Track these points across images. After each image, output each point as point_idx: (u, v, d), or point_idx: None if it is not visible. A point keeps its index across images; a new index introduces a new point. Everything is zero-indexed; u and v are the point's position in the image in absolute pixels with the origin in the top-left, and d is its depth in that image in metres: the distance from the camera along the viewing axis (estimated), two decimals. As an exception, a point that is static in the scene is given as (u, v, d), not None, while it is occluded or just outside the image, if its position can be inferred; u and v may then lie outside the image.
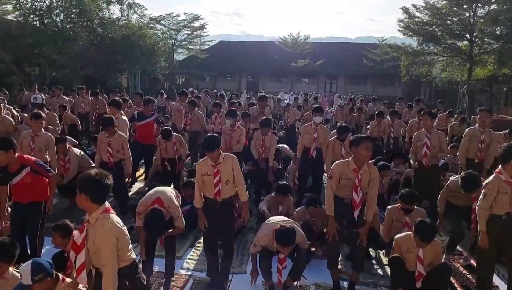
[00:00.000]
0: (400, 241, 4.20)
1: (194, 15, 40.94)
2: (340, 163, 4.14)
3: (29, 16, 23.20)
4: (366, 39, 68.44)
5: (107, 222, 2.64)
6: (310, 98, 19.96)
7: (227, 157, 4.10)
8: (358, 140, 4.00)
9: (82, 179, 2.67)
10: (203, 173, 4.06)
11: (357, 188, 3.96)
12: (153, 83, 35.37)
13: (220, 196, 4.05)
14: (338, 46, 44.61)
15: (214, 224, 4.19)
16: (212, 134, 4.23)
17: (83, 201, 2.63)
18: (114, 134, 5.88)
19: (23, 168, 4.20)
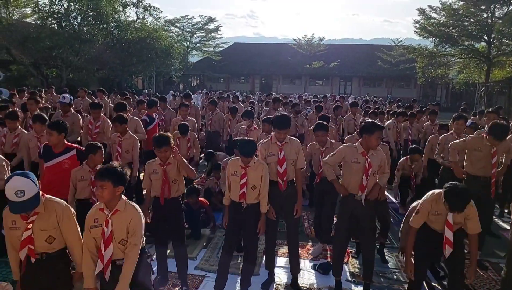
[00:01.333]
0: (429, 205, 3.70)
1: (209, 17, 41.32)
2: (349, 146, 4.22)
3: (47, 19, 23.62)
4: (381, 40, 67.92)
5: (134, 205, 2.86)
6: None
7: (259, 163, 4.07)
8: (372, 128, 4.00)
9: (106, 168, 2.76)
10: (232, 173, 4.09)
11: (367, 171, 4.01)
12: (167, 85, 35.70)
13: (246, 200, 4.03)
14: (352, 48, 44.33)
15: (238, 227, 4.17)
16: (249, 139, 4.13)
17: (109, 189, 2.71)
18: (125, 134, 5.79)
19: (68, 150, 4.50)
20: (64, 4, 23.33)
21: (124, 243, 2.79)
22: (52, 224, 2.77)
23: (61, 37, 22.10)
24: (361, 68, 39.04)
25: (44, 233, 2.75)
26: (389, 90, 37.20)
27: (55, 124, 4.49)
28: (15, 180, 2.59)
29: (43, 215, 2.74)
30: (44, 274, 2.84)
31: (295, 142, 4.26)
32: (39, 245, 2.76)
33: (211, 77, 41.63)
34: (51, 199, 2.84)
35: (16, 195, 2.55)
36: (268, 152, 4.17)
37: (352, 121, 9.73)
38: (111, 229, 2.76)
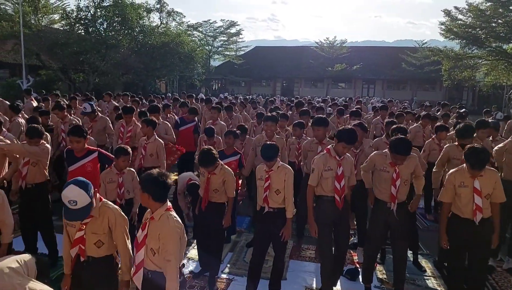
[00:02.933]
0: (452, 176, 3.88)
1: (231, 21, 41.64)
2: (379, 154, 4.17)
3: (75, 25, 24.29)
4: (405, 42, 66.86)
5: (171, 219, 2.73)
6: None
7: (283, 167, 4.04)
8: (393, 146, 3.92)
9: (145, 179, 2.73)
10: (258, 177, 4.10)
11: (395, 182, 3.94)
12: (190, 89, 36.09)
13: (268, 204, 4.00)
14: (375, 50, 43.88)
15: (265, 234, 4.13)
16: (271, 143, 4.09)
17: (146, 199, 2.72)
18: (151, 137, 5.80)
19: (89, 154, 4.59)
20: (91, 10, 23.94)
21: (153, 253, 2.74)
22: (103, 229, 2.86)
23: (88, 42, 22.65)
24: (385, 71, 38.55)
25: (95, 236, 2.84)
26: (414, 93, 36.58)
27: (79, 131, 4.52)
28: (70, 189, 2.67)
29: (97, 220, 2.84)
30: (89, 276, 2.92)
31: (350, 158, 4.17)
32: (88, 247, 2.86)
33: (232, 80, 41.88)
34: (106, 204, 2.92)
35: (69, 203, 2.65)
36: (326, 166, 4.03)
37: (380, 125, 9.60)
38: (145, 233, 2.76)
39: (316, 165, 4.06)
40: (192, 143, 7.62)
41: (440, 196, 4.00)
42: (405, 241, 4.12)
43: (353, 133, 3.99)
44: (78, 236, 2.83)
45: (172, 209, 2.83)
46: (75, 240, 2.84)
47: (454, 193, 3.86)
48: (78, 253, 2.87)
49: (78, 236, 2.83)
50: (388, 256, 5.15)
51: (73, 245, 2.86)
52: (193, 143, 7.64)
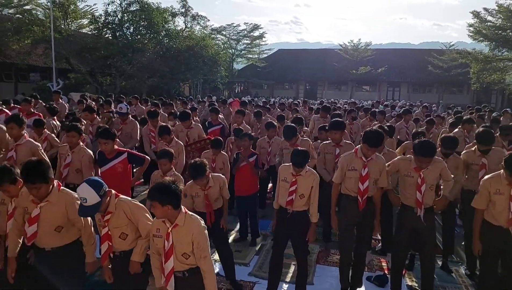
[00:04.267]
0: (487, 183, 3.77)
1: (254, 24, 41.72)
2: (403, 159, 4.11)
3: (103, 30, 24.88)
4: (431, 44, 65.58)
5: (195, 218, 2.83)
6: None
7: (310, 172, 4.05)
8: (417, 149, 3.85)
9: (161, 190, 2.70)
10: (282, 178, 4.11)
11: (420, 188, 3.86)
12: (213, 92, 36.39)
13: (292, 207, 4.02)
14: (400, 52, 43.13)
15: (284, 234, 4.17)
16: (303, 149, 4.10)
17: (166, 211, 2.71)
18: (171, 142, 5.91)
19: (119, 155, 4.75)
20: (118, 15, 24.48)
21: (186, 257, 2.80)
22: (123, 221, 3.02)
23: (115, 46, 23.15)
24: (410, 74, 37.88)
25: (117, 230, 3.02)
26: (440, 96, 35.80)
27: (107, 134, 4.71)
28: (82, 187, 2.87)
29: (114, 214, 3.01)
30: (120, 271, 3.07)
31: (380, 160, 4.12)
32: (115, 241, 3.04)
33: (255, 83, 41.96)
34: (121, 199, 3.08)
35: (81, 200, 2.87)
36: (350, 166, 4.04)
37: (404, 129, 9.46)
38: (171, 242, 2.79)
39: (340, 163, 4.15)
40: None
41: (474, 202, 3.91)
42: (433, 247, 4.04)
43: (375, 135, 3.96)
44: (104, 233, 3.03)
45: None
46: (102, 236, 3.04)
47: (489, 200, 3.76)
48: (108, 249, 3.05)
49: (104, 232, 3.03)
50: (417, 263, 5.06)
51: (101, 242, 3.04)
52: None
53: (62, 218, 3.12)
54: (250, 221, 5.73)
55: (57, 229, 3.11)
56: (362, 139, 4.03)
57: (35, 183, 2.97)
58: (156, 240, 2.87)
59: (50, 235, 3.10)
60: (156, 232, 2.87)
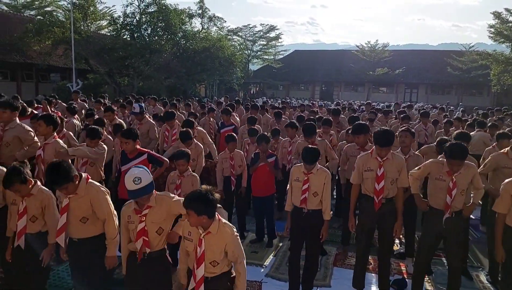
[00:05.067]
0: (509, 186, 3.71)
1: (270, 25, 41.72)
2: (435, 162, 4.03)
3: (121, 31, 25.22)
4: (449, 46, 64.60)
5: (228, 226, 2.81)
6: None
7: (322, 170, 4.12)
8: (448, 151, 3.79)
9: (198, 200, 2.66)
10: (294, 178, 4.13)
11: (451, 192, 3.80)
12: (228, 93, 36.54)
13: (307, 206, 4.04)
14: (419, 54, 42.57)
15: (300, 234, 4.18)
16: (312, 147, 4.17)
17: (202, 220, 2.69)
18: (191, 144, 5.85)
19: (140, 155, 4.83)
20: (136, 16, 24.78)
21: (214, 265, 2.78)
22: (161, 215, 3.03)
23: (133, 47, 23.44)
24: (428, 75, 37.36)
25: (155, 225, 3.01)
26: (459, 98, 35.20)
27: (129, 133, 4.82)
28: (133, 169, 2.95)
29: (154, 209, 3.00)
30: (146, 272, 3.05)
31: (398, 159, 4.08)
32: (151, 237, 3.01)
33: (271, 84, 41.95)
34: (160, 195, 3.10)
35: (134, 182, 2.86)
36: (366, 166, 4.06)
37: (423, 132, 9.32)
38: (203, 249, 2.75)
39: (356, 164, 4.19)
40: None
41: (495, 206, 3.83)
42: (460, 252, 3.96)
43: (384, 135, 3.95)
44: (140, 228, 2.98)
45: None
46: (138, 233, 2.99)
47: (511, 204, 3.68)
48: (143, 245, 3.00)
49: (140, 228, 2.98)
50: (436, 267, 4.99)
51: (136, 238, 3.00)
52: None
53: (87, 209, 3.21)
54: (267, 222, 5.72)
55: (82, 220, 3.21)
56: (373, 140, 4.06)
57: (62, 185, 3.10)
58: (187, 243, 2.86)
59: (76, 225, 3.22)
60: (187, 235, 2.85)
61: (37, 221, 3.43)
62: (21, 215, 3.36)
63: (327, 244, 5.51)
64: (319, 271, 4.75)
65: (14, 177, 3.26)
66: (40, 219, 3.44)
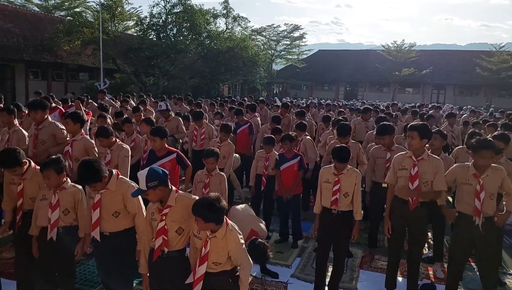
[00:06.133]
0: None
1: (294, 25, 41.63)
2: (460, 166, 3.94)
3: (147, 31, 25.63)
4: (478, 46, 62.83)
5: (234, 233, 2.88)
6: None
7: (352, 170, 4.10)
8: (476, 146, 3.70)
9: (205, 208, 2.76)
10: (324, 180, 4.12)
11: (479, 195, 3.69)
12: (251, 92, 36.69)
13: (337, 206, 4.02)
14: (446, 54, 41.67)
15: (328, 235, 4.16)
16: (343, 145, 4.18)
17: (210, 227, 2.80)
18: (225, 141, 6.00)
19: (169, 154, 4.91)
20: (162, 17, 25.14)
21: (217, 264, 2.89)
22: (182, 215, 3.04)
23: (159, 48, 23.80)
24: (456, 76, 36.47)
25: (175, 224, 3.03)
26: (489, 100, 34.17)
27: (158, 131, 4.90)
28: (144, 170, 2.98)
29: (174, 208, 3.03)
30: (165, 271, 3.09)
31: (435, 161, 3.97)
32: (171, 237, 3.04)
33: (294, 84, 41.82)
34: (181, 195, 3.12)
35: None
36: (401, 165, 4.03)
37: (450, 133, 9.11)
38: (208, 249, 2.86)
39: (392, 163, 4.17)
40: (248, 146, 7.68)
41: None
42: (493, 258, 3.85)
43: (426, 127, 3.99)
44: (160, 227, 3.01)
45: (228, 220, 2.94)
46: (157, 231, 3.02)
47: None
48: (162, 244, 3.02)
49: (160, 227, 3.01)
50: (466, 273, 4.86)
51: (156, 236, 3.04)
52: (249, 145, 7.70)
53: (119, 204, 3.31)
54: (293, 222, 5.70)
55: (115, 214, 3.31)
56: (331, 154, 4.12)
57: (90, 184, 3.24)
58: (195, 240, 2.96)
59: (109, 219, 3.31)
60: (196, 233, 2.94)
61: (69, 214, 3.52)
62: (54, 207, 3.45)
63: (352, 246, 5.44)
64: (345, 273, 4.71)
65: (52, 164, 3.41)
66: (71, 213, 3.54)
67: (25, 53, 20.38)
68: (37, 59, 21.11)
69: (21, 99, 18.54)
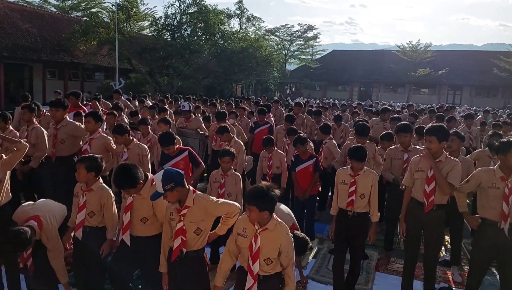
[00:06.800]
0: None
1: (308, 25, 41.48)
2: (485, 170, 3.83)
3: (162, 31, 25.82)
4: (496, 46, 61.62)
5: (284, 226, 2.80)
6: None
7: (369, 171, 4.07)
8: (505, 146, 3.60)
9: (260, 196, 2.66)
10: (340, 181, 4.10)
11: (508, 198, 3.58)
12: (265, 93, 36.68)
13: (353, 207, 4.00)
14: (463, 54, 41.08)
15: (345, 237, 4.13)
16: (359, 145, 4.18)
17: (262, 216, 2.70)
18: (231, 141, 6.00)
19: (181, 153, 4.93)
20: (177, 17, 25.30)
21: (268, 263, 2.76)
22: (200, 216, 3.03)
23: (174, 48, 23.97)
24: (473, 76, 35.91)
25: (193, 225, 3.02)
26: (507, 101, 33.57)
27: (165, 141, 4.84)
28: (159, 173, 2.97)
29: (192, 209, 3.01)
30: (182, 271, 3.08)
31: (453, 162, 3.87)
32: (189, 237, 3.03)
33: (307, 84, 41.70)
34: (199, 195, 3.09)
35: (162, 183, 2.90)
36: (418, 167, 3.96)
37: (467, 135, 8.95)
38: (259, 244, 2.73)
39: (409, 165, 4.10)
40: None
41: None
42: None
43: (441, 128, 3.86)
44: (178, 227, 3.00)
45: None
46: (176, 231, 3.02)
47: None
48: (180, 244, 3.02)
49: (178, 227, 3.00)
50: (485, 277, 4.76)
51: (175, 236, 3.03)
52: None
53: (148, 211, 3.30)
54: (306, 223, 5.66)
55: (143, 220, 3.31)
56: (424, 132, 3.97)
57: (125, 189, 3.26)
58: (241, 239, 2.82)
59: (136, 224, 3.33)
60: (242, 231, 2.81)
61: (95, 217, 3.52)
62: (81, 208, 3.49)
63: (368, 248, 5.39)
64: (361, 275, 4.65)
65: (85, 161, 3.47)
66: (97, 215, 3.53)
67: (43, 53, 20.76)
68: (54, 59, 21.47)
69: (39, 98, 18.87)
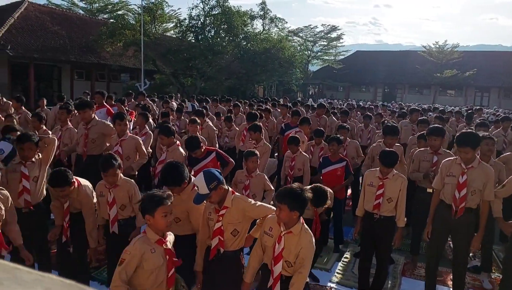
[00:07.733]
0: None
1: (332, 26, 41.24)
2: None
3: (186, 33, 26.12)
4: (527, 46, 59.52)
5: (309, 233, 2.78)
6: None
7: (398, 175, 4.02)
8: None
9: (292, 195, 2.66)
10: (368, 183, 4.08)
11: None
12: (287, 94, 36.60)
13: (379, 210, 3.97)
14: (491, 55, 39.95)
15: (371, 237, 4.10)
16: (390, 150, 4.13)
17: (291, 216, 2.69)
18: (260, 142, 6.00)
19: (208, 154, 4.97)
20: (201, 19, 25.55)
21: (289, 265, 2.78)
22: (238, 217, 3.06)
23: (197, 49, 24.19)
24: (502, 78, 34.90)
25: (231, 225, 3.05)
26: (537, 103, 32.55)
27: (192, 145, 4.87)
28: (199, 175, 2.99)
29: (230, 210, 3.05)
30: (218, 270, 3.13)
31: (487, 169, 3.78)
32: (226, 237, 3.07)
33: (330, 85, 41.38)
34: (237, 197, 3.12)
35: (197, 188, 2.98)
36: (449, 171, 3.90)
37: (502, 138, 8.69)
38: (282, 246, 2.73)
39: (440, 168, 4.04)
40: None
41: None
42: None
43: (468, 135, 3.75)
44: (216, 227, 3.04)
45: None
46: (214, 231, 3.06)
47: None
48: (217, 244, 3.06)
49: (216, 227, 3.04)
50: None
51: (213, 236, 3.07)
52: None
53: (182, 213, 3.35)
54: (334, 226, 5.63)
55: (175, 220, 3.34)
56: (456, 141, 3.89)
57: (170, 186, 3.27)
58: (266, 237, 2.85)
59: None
60: (268, 230, 2.85)
61: (126, 208, 3.67)
62: (112, 204, 3.61)
63: (394, 252, 5.31)
64: (387, 280, 4.61)
65: (109, 161, 3.55)
66: (128, 207, 3.68)
67: (71, 54, 21.32)
68: (82, 60, 22.00)
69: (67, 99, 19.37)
